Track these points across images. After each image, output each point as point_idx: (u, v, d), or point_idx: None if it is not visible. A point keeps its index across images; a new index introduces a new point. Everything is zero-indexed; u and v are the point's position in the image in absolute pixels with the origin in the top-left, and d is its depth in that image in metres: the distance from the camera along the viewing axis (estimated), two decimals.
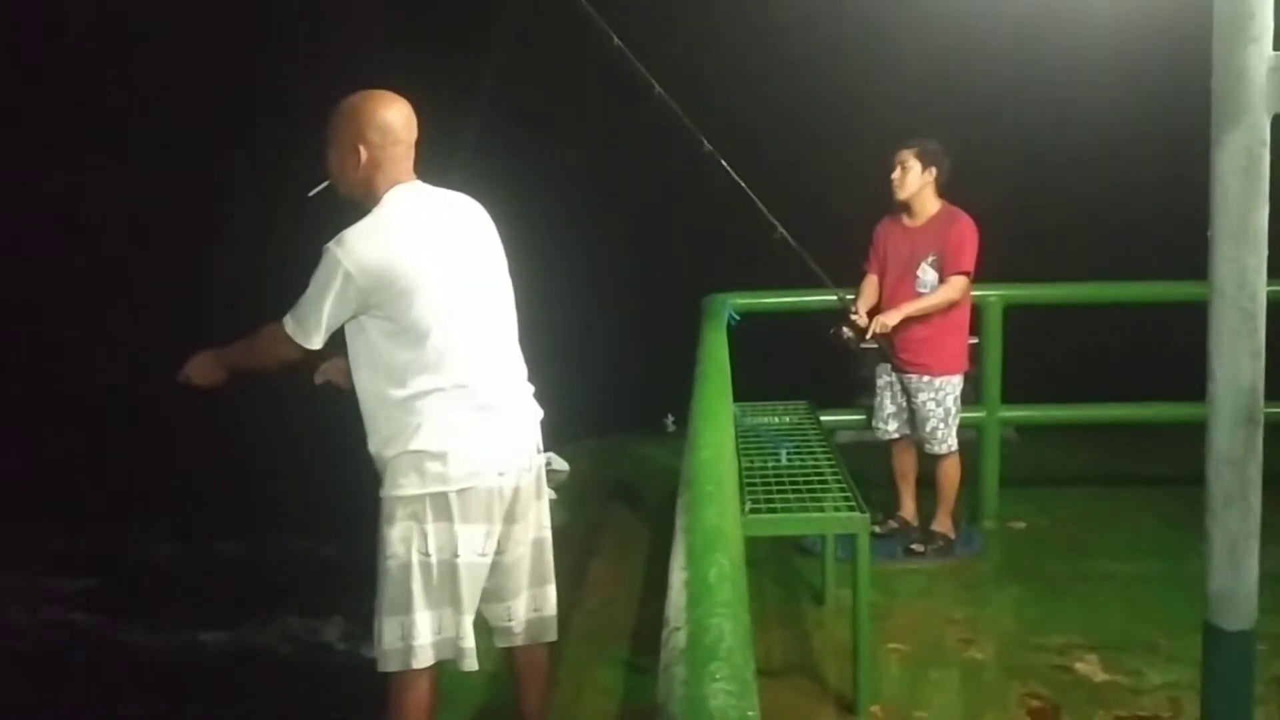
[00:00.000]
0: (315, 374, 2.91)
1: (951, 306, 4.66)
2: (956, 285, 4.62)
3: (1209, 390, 1.94)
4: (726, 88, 9.54)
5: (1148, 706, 3.38)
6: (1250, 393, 1.90)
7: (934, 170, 4.66)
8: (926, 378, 4.72)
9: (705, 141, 4.19)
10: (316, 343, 2.67)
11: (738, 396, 4.42)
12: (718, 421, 2.39)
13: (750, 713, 1.11)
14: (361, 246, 2.62)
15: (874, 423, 4.98)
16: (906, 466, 4.99)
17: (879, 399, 4.94)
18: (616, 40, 3.11)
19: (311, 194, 2.84)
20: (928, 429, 4.75)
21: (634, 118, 4.07)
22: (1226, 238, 1.90)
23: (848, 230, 5.10)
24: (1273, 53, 1.85)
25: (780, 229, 4.36)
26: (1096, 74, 8.97)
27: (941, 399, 4.71)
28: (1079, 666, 3.71)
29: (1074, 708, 3.43)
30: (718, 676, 1.16)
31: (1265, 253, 1.90)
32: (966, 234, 4.64)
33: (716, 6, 10.79)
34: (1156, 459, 5.58)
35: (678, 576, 1.49)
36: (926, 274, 4.69)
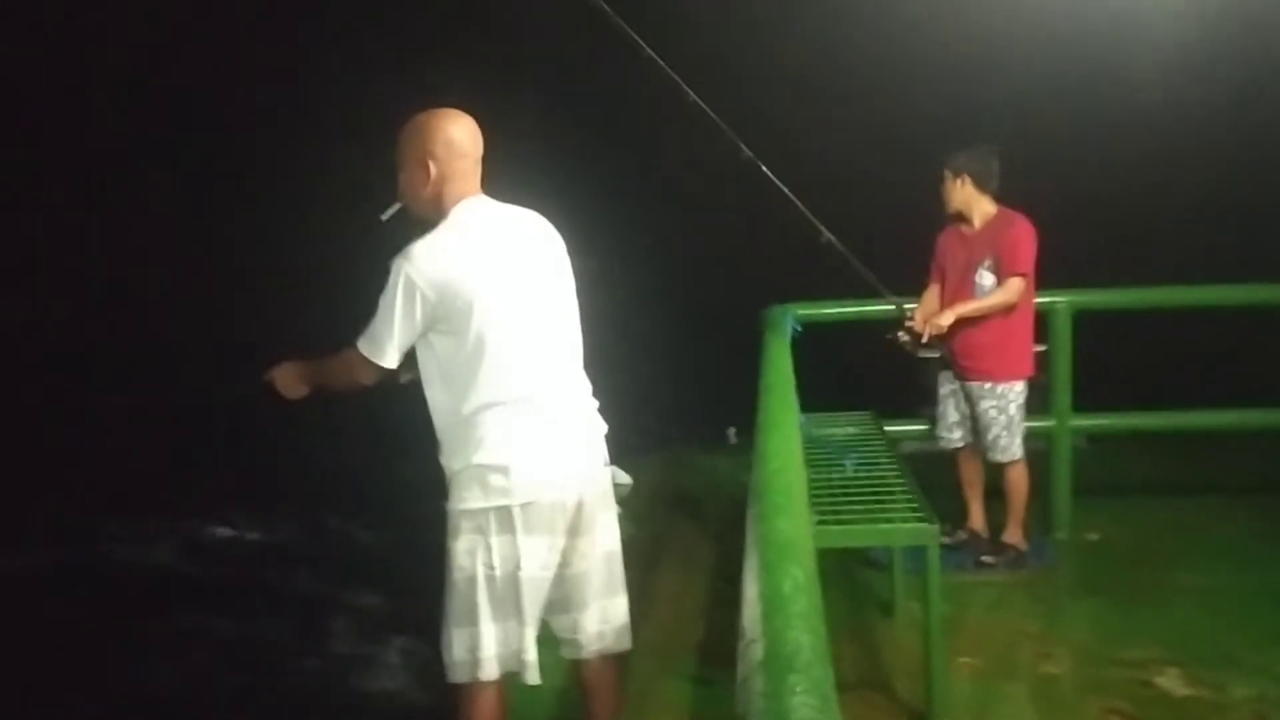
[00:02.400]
0: (400, 373, 2.92)
1: (1011, 310, 4.59)
2: (1012, 287, 4.56)
3: None
4: (783, 94, 9.49)
5: None
6: None
7: (965, 177, 4.67)
8: (989, 384, 4.65)
9: (744, 147, 4.15)
10: (391, 360, 2.70)
11: (803, 407, 4.39)
12: (784, 433, 2.36)
13: None
14: (427, 259, 2.65)
15: (938, 432, 4.91)
16: (973, 476, 4.91)
17: (942, 408, 4.87)
18: (648, 51, 3.07)
19: (384, 216, 2.88)
20: (990, 437, 4.67)
21: (685, 128, 4.03)
22: None
23: (910, 240, 5.06)
24: None
25: (826, 233, 4.30)
26: (1164, 67, 8.75)
27: (1004, 406, 4.63)
28: (1160, 681, 3.61)
29: None
30: (798, 689, 1.14)
31: None
32: (1022, 236, 4.58)
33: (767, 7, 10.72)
34: (1236, 467, 5.43)
35: (752, 589, 1.47)
36: (984, 279, 4.64)
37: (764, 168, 4.26)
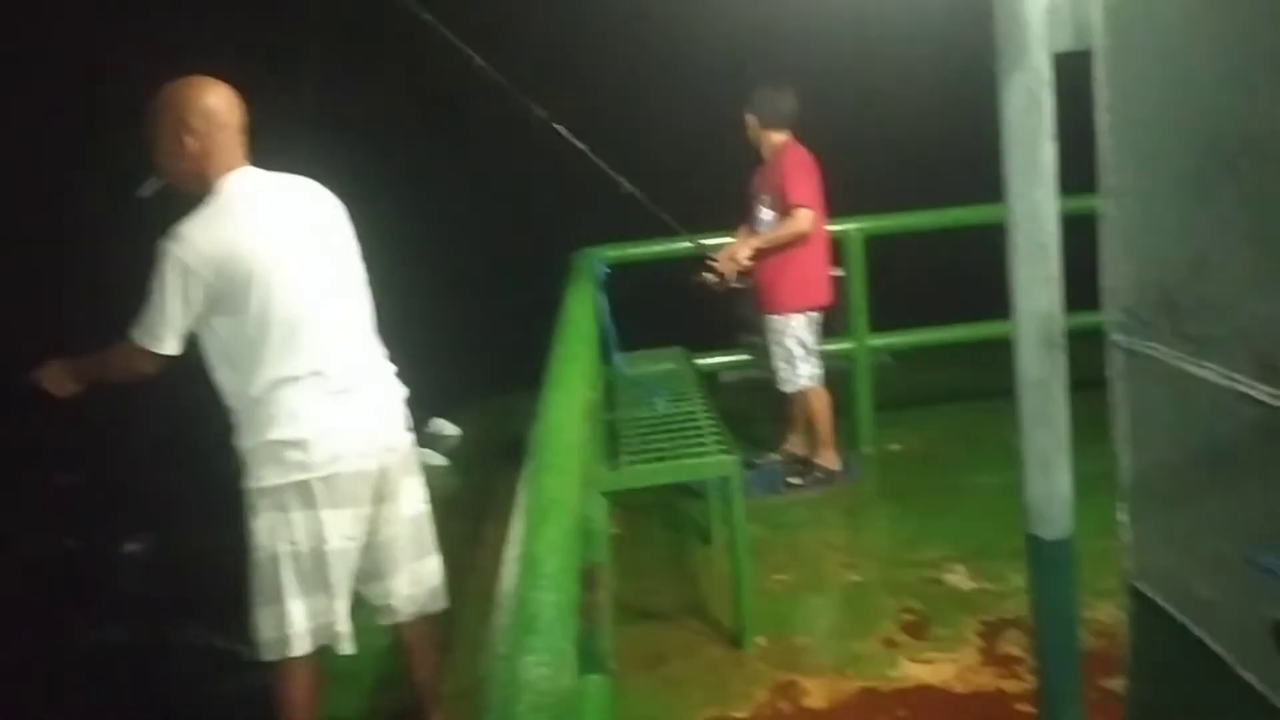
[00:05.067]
0: None
1: (800, 242, 4.75)
2: (797, 218, 4.68)
3: (1013, 318, 2.07)
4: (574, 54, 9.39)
5: (1010, 609, 3.57)
6: (1049, 318, 2.02)
7: (752, 116, 4.86)
8: (766, 317, 4.87)
9: (536, 108, 4.13)
10: (171, 347, 2.64)
11: (624, 346, 4.50)
12: (567, 389, 2.44)
13: (565, 684, 1.18)
14: (198, 238, 2.60)
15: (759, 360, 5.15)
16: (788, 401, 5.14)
17: (758, 337, 5.09)
18: (426, 16, 3.03)
19: (143, 192, 2.78)
20: (771, 368, 4.91)
21: (474, 90, 3.96)
22: (1017, 175, 2.01)
23: (725, 178, 5.18)
24: None
25: (625, 184, 4.34)
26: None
27: (778, 339, 4.85)
28: (948, 577, 3.93)
29: (944, 617, 3.64)
30: (533, 650, 1.22)
31: (1055, 185, 2.01)
32: (788, 167, 4.74)
33: None
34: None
35: (510, 552, 1.55)
36: (762, 214, 4.83)
37: (559, 128, 4.23)
